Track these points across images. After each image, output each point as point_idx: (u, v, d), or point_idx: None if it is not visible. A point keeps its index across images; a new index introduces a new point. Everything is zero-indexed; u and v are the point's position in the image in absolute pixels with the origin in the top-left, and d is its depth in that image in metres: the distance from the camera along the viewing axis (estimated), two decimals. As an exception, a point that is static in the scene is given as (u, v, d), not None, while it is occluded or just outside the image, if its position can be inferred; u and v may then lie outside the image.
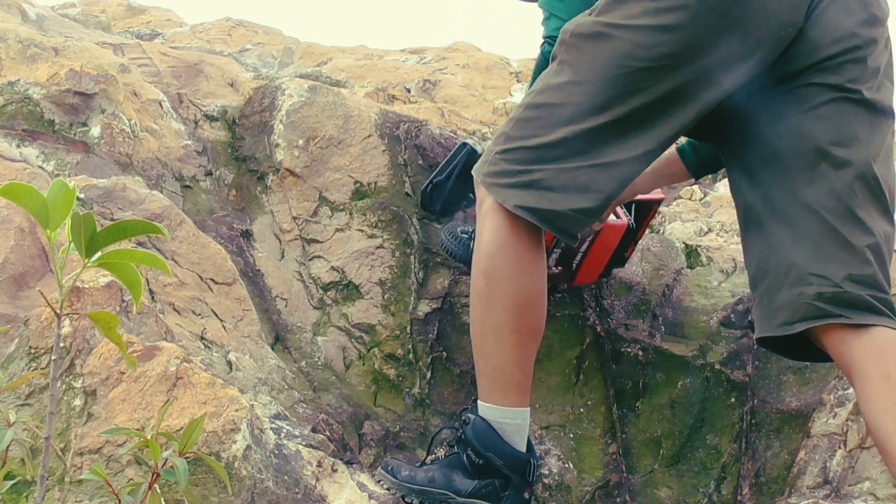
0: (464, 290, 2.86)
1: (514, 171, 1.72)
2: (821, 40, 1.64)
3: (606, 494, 2.58)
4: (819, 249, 1.64)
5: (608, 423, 2.68)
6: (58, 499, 1.94)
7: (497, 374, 1.79)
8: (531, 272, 1.75)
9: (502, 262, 1.74)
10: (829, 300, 1.63)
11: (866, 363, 1.59)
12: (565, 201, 1.69)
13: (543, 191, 1.69)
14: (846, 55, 1.65)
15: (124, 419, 2.02)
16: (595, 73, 1.69)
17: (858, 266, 1.64)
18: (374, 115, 3.07)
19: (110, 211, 2.51)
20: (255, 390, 2.34)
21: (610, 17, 1.70)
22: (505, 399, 1.80)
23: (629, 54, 1.66)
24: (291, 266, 2.83)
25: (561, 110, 1.70)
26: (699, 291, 2.94)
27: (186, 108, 3.16)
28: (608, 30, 1.69)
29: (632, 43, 1.66)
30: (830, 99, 1.66)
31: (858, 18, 1.66)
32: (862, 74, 1.66)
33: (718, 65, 1.65)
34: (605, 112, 1.67)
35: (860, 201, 1.65)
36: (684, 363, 2.71)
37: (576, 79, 1.71)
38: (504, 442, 1.81)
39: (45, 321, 2.15)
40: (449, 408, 2.70)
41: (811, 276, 1.64)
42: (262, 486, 2.05)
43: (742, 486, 2.55)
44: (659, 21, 1.64)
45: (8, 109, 2.77)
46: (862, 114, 1.67)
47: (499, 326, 1.75)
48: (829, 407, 2.48)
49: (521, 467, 1.82)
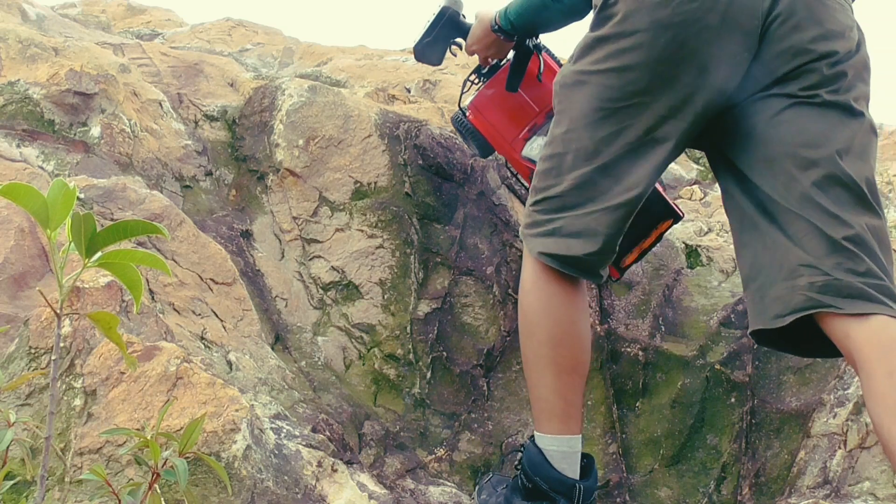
0: (464, 290, 2.86)
1: (541, 220, 1.88)
2: (776, 60, 1.71)
3: (606, 494, 2.58)
4: (807, 245, 1.68)
5: (608, 423, 2.68)
6: (58, 499, 1.94)
7: (541, 403, 1.91)
8: (563, 308, 1.88)
9: (536, 299, 1.88)
10: (820, 289, 1.64)
11: (869, 357, 1.59)
12: (580, 247, 1.83)
13: (564, 237, 1.84)
14: (801, 68, 1.71)
15: (124, 419, 2.02)
16: (582, 120, 1.81)
17: (846, 256, 1.65)
18: (374, 115, 3.07)
19: (110, 211, 2.51)
20: (255, 390, 2.34)
21: (582, 64, 1.83)
22: (550, 427, 1.91)
23: (604, 97, 1.78)
24: (291, 266, 2.83)
25: (565, 159, 1.83)
26: (699, 291, 2.93)
27: (186, 108, 3.16)
28: (583, 77, 1.81)
29: (604, 86, 1.78)
30: (789, 105, 1.72)
31: (811, 35, 1.72)
32: (820, 81, 1.72)
33: (687, 95, 1.73)
34: (599, 156, 1.79)
35: (831, 197, 1.68)
36: (684, 363, 2.71)
37: (570, 127, 1.83)
38: (551, 467, 1.90)
39: (45, 321, 2.15)
40: (449, 408, 2.70)
41: (801, 268, 1.67)
42: (262, 486, 2.05)
43: (742, 486, 2.55)
44: (622, 62, 1.75)
45: (8, 109, 2.77)
46: (822, 115, 1.72)
47: (538, 359, 1.90)
48: (829, 407, 2.48)
49: (568, 492, 1.90)
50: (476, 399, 2.73)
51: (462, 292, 2.84)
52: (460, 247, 2.92)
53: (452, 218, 2.96)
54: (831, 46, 1.72)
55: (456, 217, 2.97)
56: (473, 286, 2.87)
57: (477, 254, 2.92)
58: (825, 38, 1.72)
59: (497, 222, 2.99)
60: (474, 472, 2.62)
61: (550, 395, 1.89)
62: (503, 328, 2.80)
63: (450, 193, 3.01)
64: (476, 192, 3.02)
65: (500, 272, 2.88)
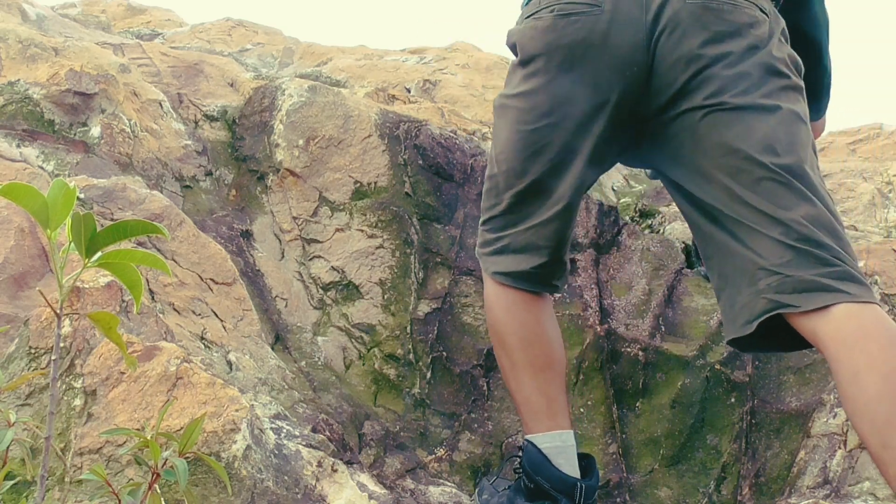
0: (464, 290, 2.86)
1: (490, 239, 1.97)
2: (670, 72, 1.74)
3: (606, 494, 2.58)
4: (757, 248, 1.68)
5: (608, 423, 2.68)
6: (58, 499, 1.94)
7: (526, 406, 1.97)
8: (526, 310, 1.95)
9: (499, 308, 1.97)
10: (777, 289, 1.64)
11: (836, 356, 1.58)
12: (526, 261, 1.91)
13: (511, 254, 1.93)
14: (700, 75, 1.73)
15: (124, 419, 2.02)
16: (508, 143, 1.91)
17: (794, 252, 1.64)
18: (374, 115, 3.06)
19: (110, 211, 2.50)
20: (255, 390, 2.34)
21: (506, 90, 1.94)
22: (538, 425, 1.96)
23: (520, 120, 1.88)
24: (291, 266, 2.83)
25: (501, 179, 1.93)
26: (699, 291, 2.93)
27: (186, 108, 3.16)
28: (505, 101, 1.93)
29: (518, 110, 1.88)
30: (702, 116, 1.74)
31: (700, 39, 1.73)
32: (722, 85, 1.73)
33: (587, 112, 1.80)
34: (526, 174, 1.88)
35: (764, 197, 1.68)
36: (684, 363, 2.71)
37: (501, 149, 1.93)
38: (552, 466, 1.93)
39: (45, 321, 2.15)
40: (449, 408, 2.70)
41: (759, 272, 1.68)
42: (262, 486, 2.05)
43: (742, 486, 2.55)
44: (528, 86, 1.85)
45: (8, 109, 2.77)
46: (736, 118, 1.72)
47: (513, 364, 1.96)
48: (829, 407, 2.48)
49: (569, 490, 1.91)
50: (476, 399, 2.73)
51: (462, 292, 2.84)
52: (460, 247, 2.92)
53: (452, 218, 2.96)
54: (724, 48, 1.73)
55: (456, 217, 2.97)
56: (473, 286, 2.87)
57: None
58: (715, 41, 1.73)
59: (497, 222, 2.99)
60: (474, 472, 2.62)
61: (532, 394, 1.94)
62: (503, 328, 2.80)
63: (450, 193, 3.01)
64: (476, 192, 3.02)
65: (500, 272, 2.88)
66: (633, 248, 3.05)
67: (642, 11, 1.74)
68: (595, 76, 1.77)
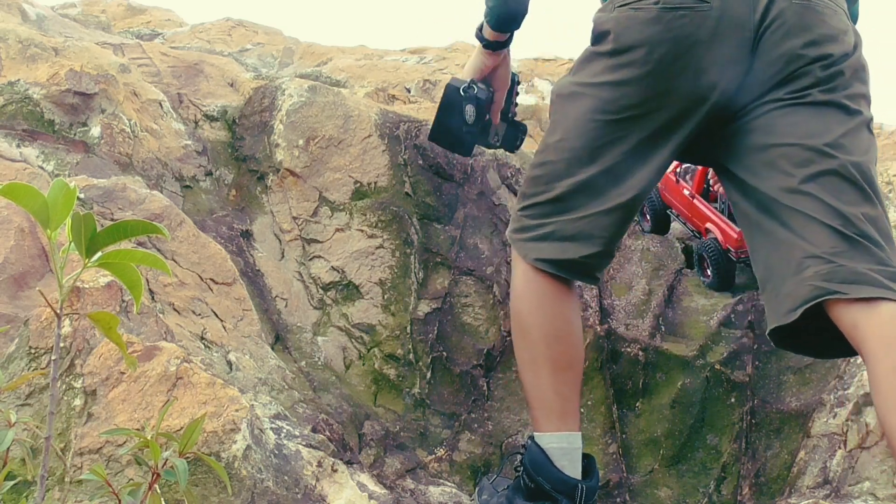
0: (464, 290, 2.86)
1: (531, 225, 1.91)
2: (770, 68, 1.75)
3: (606, 494, 2.58)
4: (809, 237, 1.69)
5: (608, 423, 2.68)
6: (58, 499, 1.94)
7: (538, 402, 1.94)
8: (555, 306, 1.92)
9: (527, 300, 1.92)
10: (826, 277, 1.65)
11: (875, 351, 1.59)
12: (575, 250, 1.87)
13: (557, 241, 1.88)
14: (795, 73, 1.75)
15: (124, 419, 2.02)
16: (576, 130, 1.86)
17: (849, 244, 1.67)
18: (374, 115, 3.07)
19: (110, 211, 2.50)
20: (255, 390, 2.34)
21: (580, 76, 1.88)
22: (548, 424, 1.93)
23: (598, 109, 1.83)
24: (291, 266, 2.83)
25: (557, 166, 1.88)
26: (699, 291, 2.94)
27: (186, 108, 3.16)
28: (580, 88, 1.87)
29: (599, 99, 1.83)
30: (782, 106, 1.75)
31: (803, 40, 1.75)
32: (814, 82, 1.75)
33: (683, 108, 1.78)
34: (592, 164, 1.84)
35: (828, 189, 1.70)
36: (684, 363, 2.71)
37: (563, 136, 1.88)
38: (553, 467, 1.92)
39: (45, 321, 2.15)
40: (449, 408, 2.70)
41: (807, 260, 1.69)
42: (262, 486, 2.05)
43: (742, 486, 2.55)
44: (618, 77, 1.80)
45: (8, 109, 2.77)
46: (817, 112, 1.75)
47: (533, 359, 1.93)
48: (829, 407, 2.48)
49: (570, 491, 1.92)
50: (476, 399, 2.73)
51: (462, 292, 2.84)
52: (460, 247, 2.92)
53: (452, 218, 2.96)
54: (824, 50, 1.75)
55: (456, 217, 2.97)
56: (473, 286, 2.87)
57: (477, 254, 2.92)
58: (817, 44, 1.75)
59: (497, 222, 2.99)
60: (474, 472, 2.62)
61: (547, 393, 1.92)
62: (503, 328, 2.80)
63: (450, 193, 3.01)
64: (476, 192, 3.02)
65: (500, 272, 2.88)
66: (633, 248, 3.05)
67: (750, 11, 1.74)
68: (698, 73, 1.75)
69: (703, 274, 2.98)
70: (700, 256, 2.98)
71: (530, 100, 3.86)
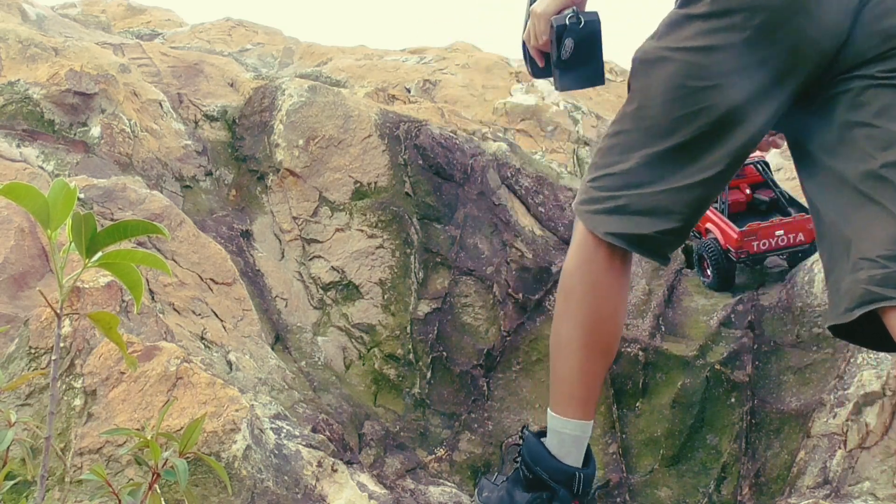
0: (464, 290, 2.87)
1: (601, 197, 1.80)
2: (863, 44, 1.67)
3: (606, 494, 2.58)
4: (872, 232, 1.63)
5: (608, 422, 2.68)
6: (58, 499, 1.94)
7: (563, 385, 1.88)
8: (607, 293, 1.84)
9: (579, 280, 1.83)
10: (880, 282, 1.60)
11: None
12: (650, 225, 1.76)
13: (630, 215, 1.77)
14: (888, 52, 1.67)
15: (124, 419, 2.02)
16: (659, 97, 1.75)
17: None
18: (374, 115, 3.07)
19: (110, 211, 2.51)
20: (255, 390, 2.34)
21: (667, 41, 1.76)
22: (567, 410, 1.88)
23: (687, 74, 1.71)
24: (291, 266, 2.83)
25: (634, 136, 1.77)
26: (699, 291, 2.94)
27: (186, 108, 3.16)
28: (667, 53, 1.75)
29: (688, 63, 1.71)
30: (869, 86, 1.67)
31: None
32: None
33: (777, 79, 1.69)
34: (674, 135, 1.73)
35: None
36: (684, 363, 2.71)
37: (644, 104, 1.77)
38: (551, 457, 1.89)
39: (45, 321, 2.15)
40: (449, 408, 2.70)
41: (862, 262, 1.62)
42: (262, 486, 2.05)
43: (742, 486, 2.55)
44: (711, 41, 1.69)
45: (8, 109, 2.77)
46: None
47: (570, 341, 1.85)
48: (829, 407, 2.48)
49: (568, 480, 1.89)
50: (476, 399, 2.73)
51: (462, 292, 2.84)
52: (460, 247, 2.92)
53: (452, 218, 2.97)
54: None
55: (456, 217, 2.97)
56: (473, 286, 2.87)
57: (477, 254, 2.92)
58: None
59: (497, 222, 2.99)
60: (474, 472, 2.62)
61: (575, 378, 1.86)
62: (503, 328, 2.80)
63: (450, 193, 3.01)
64: (476, 192, 3.02)
65: (500, 272, 2.88)
66: (633, 248, 3.05)
67: None
68: (797, 43, 1.66)
69: (703, 274, 2.98)
70: (700, 256, 2.98)
71: (530, 100, 3.86)
